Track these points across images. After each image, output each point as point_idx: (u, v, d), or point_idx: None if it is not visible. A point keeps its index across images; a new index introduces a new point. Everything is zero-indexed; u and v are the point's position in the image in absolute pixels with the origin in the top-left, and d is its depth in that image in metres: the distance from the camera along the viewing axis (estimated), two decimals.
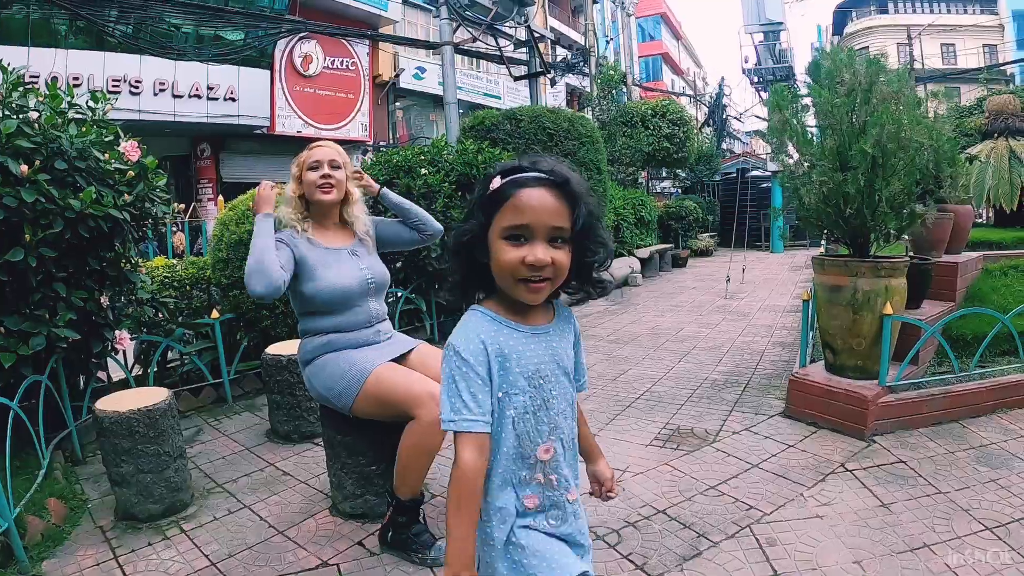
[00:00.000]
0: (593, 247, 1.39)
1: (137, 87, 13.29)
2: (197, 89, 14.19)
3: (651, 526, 2.92)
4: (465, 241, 1.37)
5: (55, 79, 4.06)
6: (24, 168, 3.04)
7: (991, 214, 9.44)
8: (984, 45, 37.49)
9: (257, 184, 3.06)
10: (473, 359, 1.32)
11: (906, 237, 4.73)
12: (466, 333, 1.35)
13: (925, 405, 3.94)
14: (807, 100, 4.26)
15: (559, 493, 1.45)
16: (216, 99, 14.55)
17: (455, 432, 1.31)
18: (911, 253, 5.04)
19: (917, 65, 27.78)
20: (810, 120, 4.37)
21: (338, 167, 2.91)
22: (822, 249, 11.63)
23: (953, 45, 38.52)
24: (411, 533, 2.70)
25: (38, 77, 10.54)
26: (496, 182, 1.34)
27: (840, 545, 2.69)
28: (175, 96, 13.90)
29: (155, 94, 13.60)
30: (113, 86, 12.76)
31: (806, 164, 4.18)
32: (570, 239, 1.34)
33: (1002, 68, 30.53)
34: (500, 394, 1.36)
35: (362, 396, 2.69)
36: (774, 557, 2.63)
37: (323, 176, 2.86)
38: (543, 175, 1.33)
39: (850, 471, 3.38)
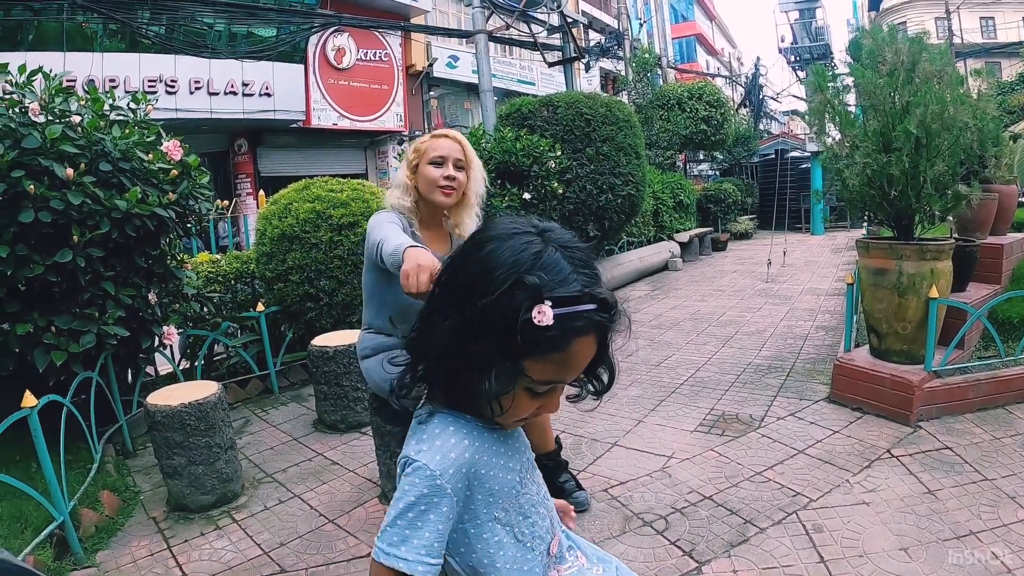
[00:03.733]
0: (602, 372, 1.11)
1: (173, 86, 13.45)
2: (232, 86, 14.32)
3: (698, 512, 2.92)
4: (500, 386, 0.98)
5: (92, 82, 4.15)
6: (70, 171, 3.11)
7: None
8: None
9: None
10: (450, 485, 1.01)
11: (950, 219, 4.63)
12: (443, 449, 1.03)
13: (971, 390, 3.86)
14: (848, 80, 4.18)
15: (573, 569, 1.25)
16: (251, 95, 14.68)
17: (385, 566, 1.00)
18: (955, 235, 4.93)
19: (956, 40, 26.98)
20: (850, 100, 4.29)
21: (462, 167, 2.57)
22: (864, 231, 11.44)
23: (992, 18, 37.24)
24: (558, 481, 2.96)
25: (75, 81, 10.67)
26: (547, 315, 0.91)
27: (886, 532, 2.66)
28: (211, 94, 14.05)
29: (191, 92, 13.75)
30: (149, 86, 12.93)
31: (848, 145, 4.10)
32: None
33: None
34: (497, 513, 1.10)
35: None
36: (820, 544, 2.61)
37: (447, 177, 2.51)
38: (601, 316, 0.97)
39: (896, 457, 3.34)
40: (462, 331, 0.99)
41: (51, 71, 3.52)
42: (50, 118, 3.30)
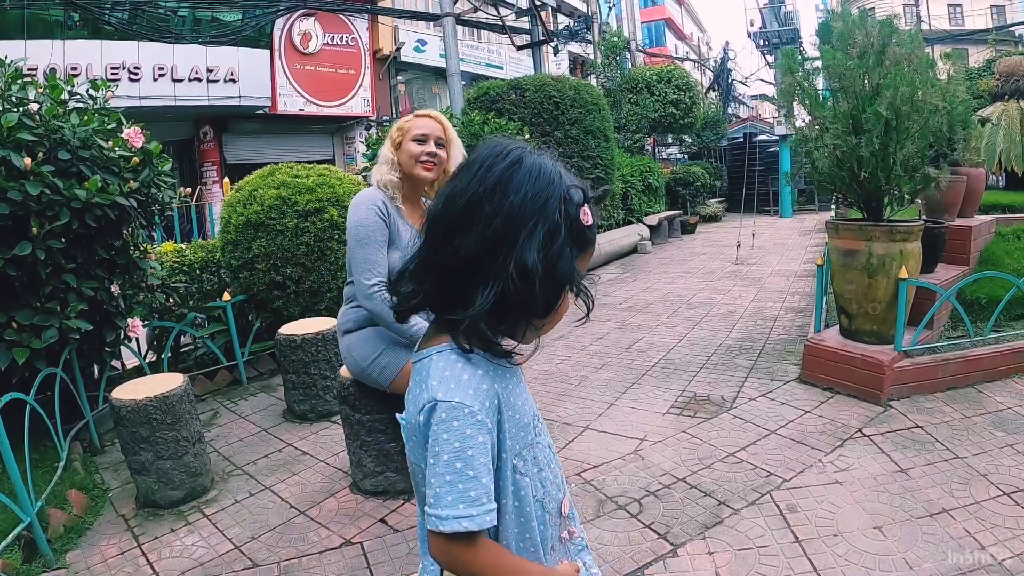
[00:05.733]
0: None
1: (136, 73, 13.17)
2: (197, 72, 14.05)
3: (672, 495, 2.93)
4: (564, 277, 0.99)
5: (53, 70, 4.03)
6: (27, 161, 3.02)
7: (1003, 177, 9.33)
8: (992, 5, 36.68)
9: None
10: (490, 419, 0.98)
11: (919, 201, 4.67)
12: (472, 383, 0.98)
13: (940, 370, 3.92)
14: (818, 63, 4.19)
15: (578, 543, 1.25)
16: (216, 81, 14.42)
17: (460, 534, 0.93)
18: (924, 217, 4.98)
19: (924, 26, 27.29)
20: (818, 83, 4.30)
21: (443, 145, 2.73)
22: (832, 213, 11.56)
23: (960, 6, 37.68)
24: None
25: (36, 69, 10.37)
26: (589, 215, 1.02)
27: (860, 511, 2.69)
28: (175, 80, 13.77)
29: (155, 79, 13.47)
30: (112, 74, 12.63)
31: (818, 127, 4.11)
32: None
33: (1011, 29, 29.94)
34: (515, 461, 1.05)
35: (407, 370, 2.58)
36: (795, 524, 2.63)
37: (428, 153, 2.68)
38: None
39: (867, 436, 3.38)
40: (502, 241, 0.96)
41: (6, 58, 3.40)
42: (7, 106, 3.20)
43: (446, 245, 0.99)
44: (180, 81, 13.88)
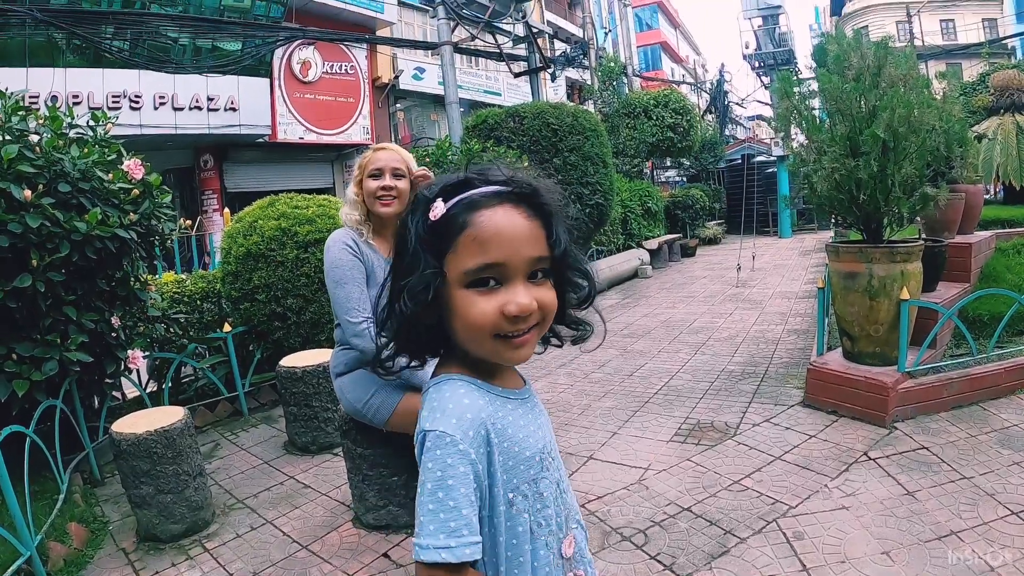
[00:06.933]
0: (575, 277, 1.08)
1: (137, 102, 13.28)
2: (197, 101, 14.18)
3: (677, 524, 2.89)
4: (421, 298, 0.97)
5: (55, 98, 4.07)
6: (27, 193, 3.02)
7: (1001, 190, 9.37)
8: (984, 19, 37.10)
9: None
10: (474, 449, 0.94)
11: (918, 220, 4.67)
12: (456, 412, 0.96)
13: (945, 389, 3.89)
14: (814, 85, 4.21)
15: None
16: (216, 110, 14.54)
17: (439, 564, 0.90)
18: (923, 236, 4.99)
19: (917, 42, 27.56)
20: (814, 104, 4.32)
21: (402, 176, 2.67)
22: (831, 233, 11.58)
23: (952, 20, 38.14)
24: None
25: (38, 97, 10.54)
26: (439, 207, 0.97)
27: (867, 536, 2.66)
28: (176, 109, 13.89)
29: (155, 108, 13.59)
30: (113, 102, 12.75)
31: (816, 150, 4.12)
32: (551, 269, 1.02)
33: (1003, 42, 30.24)
34: (511, 495, 1.00)
35: (401, 409, 2.60)
36: (802, 551, 2.60)
37: (383, 188, 2.63)
38: (501, 187, 0.99)
39: (873, 459, 3.35)
40: (408, 267, 1.00)
41: (7, 89, 3.42)
42: (7, 137, 3.20)
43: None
44: (181, 110, 14.00)
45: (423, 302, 0.97)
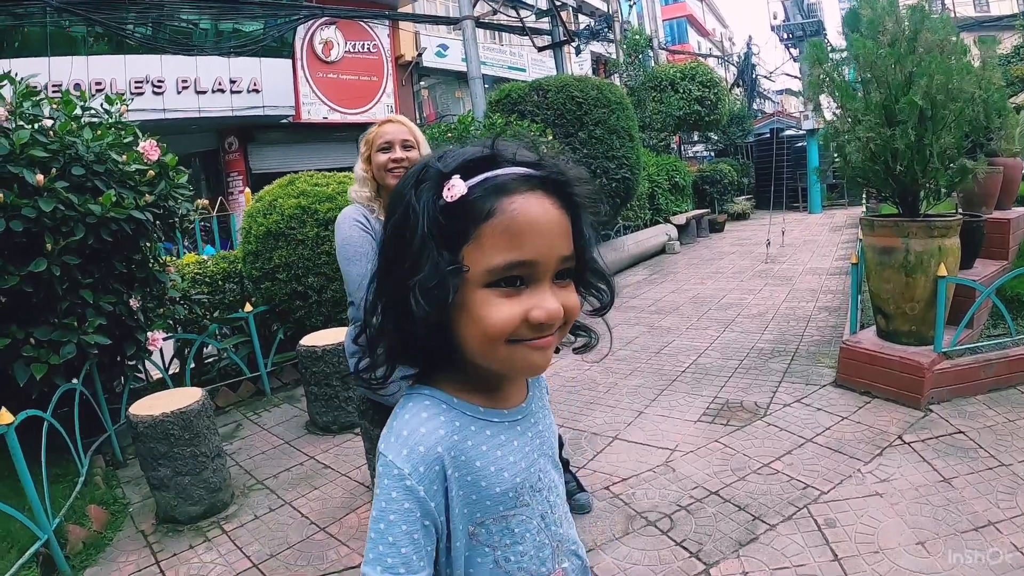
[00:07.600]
0: (594, 279, 0.94)
1: (160, 86, 13.29)
2: (220, 83, 14.16)
3: (704, 509, 2.81)
4: (441, 299, 0.79)
5: (77, 86, 4.02)
6: (40, 177, 2.98)
7: None
8: None
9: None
10: (423, 486, 0.84)
11: (955, 194, 4.49)
12: (410, 442, 0.85)
13: (982, 371, 3.75)
14: (846, 53, 4.03)
15: None
16: (240, 92, 14.52)
17: None
18: (960, 210, 4.80)
19: (949, 14, 26.79)
20: (845, 74, 4.15)
21: (411, 147, 2.58)
22: (863, 208, 11.31)
23: None
24: None
25: (60, 85, 10.53)
26: (457, 187, 0.79)
27: (901, 525, 2.56)
28: (199, 92, 13.88)
29: (178, 92, 13.59)
30: (136, 87, 12.77)
31: (850, 120, 3.96)
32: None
33: None
34: (471, 528, 0.89)
35: None
36: (833, 540, 2.51)
37: (394, 160, 2.54)
38: (532, 171, 0.83)
39: (908, 443, 3.23)
40: (417, 255, 0.81)
41: (16, 74, 3.38)
42: (20, 123, 3.17)
43: None
44: (204, 93, 13.99)
45: (442, 303, 0.79)
